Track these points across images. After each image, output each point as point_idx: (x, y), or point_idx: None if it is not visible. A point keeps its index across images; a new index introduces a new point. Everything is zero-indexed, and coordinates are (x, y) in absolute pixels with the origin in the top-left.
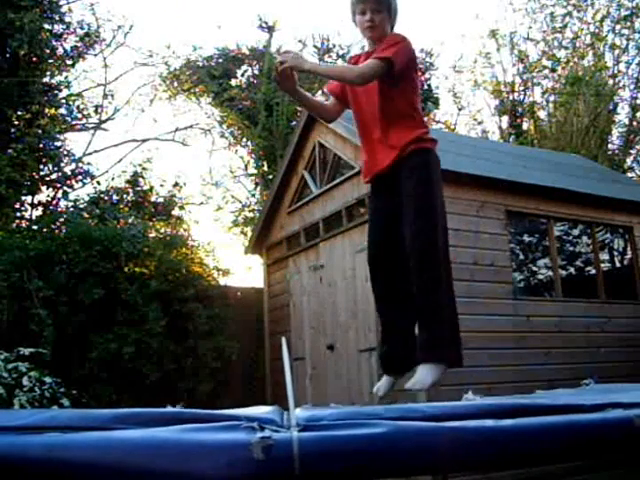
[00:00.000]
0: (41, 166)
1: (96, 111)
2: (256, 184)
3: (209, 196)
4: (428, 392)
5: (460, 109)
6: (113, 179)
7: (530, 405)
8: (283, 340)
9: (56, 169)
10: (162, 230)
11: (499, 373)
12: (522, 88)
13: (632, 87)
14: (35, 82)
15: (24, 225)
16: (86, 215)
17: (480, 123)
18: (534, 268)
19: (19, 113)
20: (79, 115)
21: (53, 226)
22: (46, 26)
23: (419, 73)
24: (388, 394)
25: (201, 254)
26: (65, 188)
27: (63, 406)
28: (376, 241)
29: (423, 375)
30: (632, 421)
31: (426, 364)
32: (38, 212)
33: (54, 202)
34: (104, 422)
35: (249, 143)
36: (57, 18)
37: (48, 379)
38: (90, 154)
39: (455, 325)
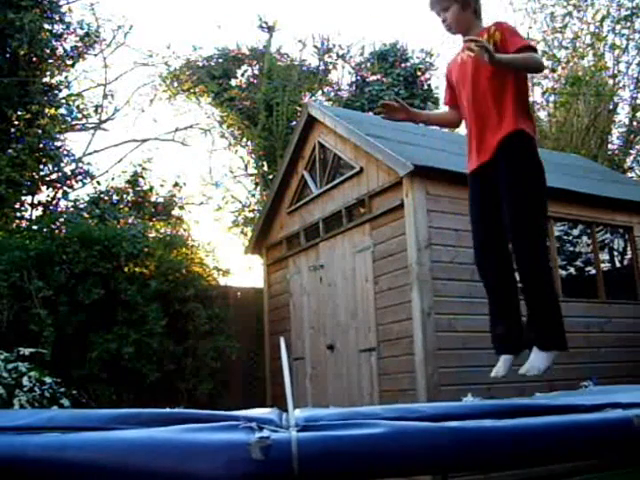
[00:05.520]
0: (41, 166)
1: (96, 111)
2: (256, 184)
3: (209, 196)
4: (428, 392)
5: None
6: (113, 179)
7: (529, 405)
8: (281, 340)
9: (56, 169)
10: (162, 230)
11: None
12: None
13: (632, 87)
14: (35, 82)
15: (24, 225)
16: (86, 215)
17: None
18: None
19: (19, 113)
20: (79, 115)
21: (53, 226)
22: (46, 26)
23: None
24: (507, 374)
25: (201, 254)
26: (65, 188)
27: (63, 406)
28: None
29: (538, 361)
30: (631, 421)
31: (540, 351)
32: (38, 212)
33: (54, 202)
34: (104, 422)
35: (249, 143)
36: (57, 18)
37: (48, 379)
38: (90, 154)
39: (559, 307)
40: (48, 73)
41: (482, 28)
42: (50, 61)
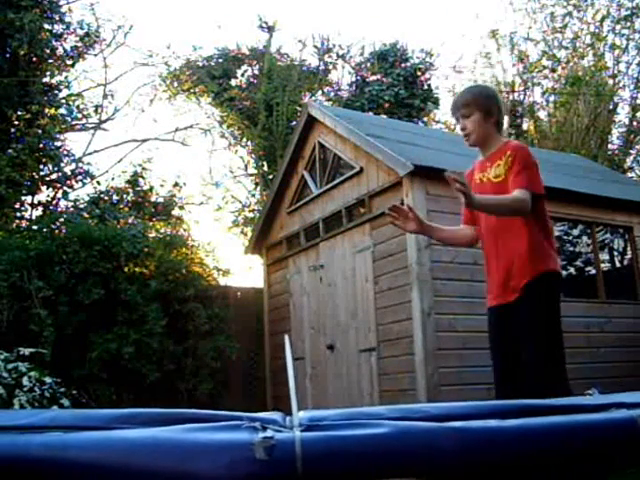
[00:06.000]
0: (41, 166)
1: (96, 111)
2: (256, 184)
3: (209, 196)
4: (428, 392)
5: None
6: (113, 179)
7: (534, 405)
8: (286, 338)
9: (56, 169)
10: (162, 230)
11: None
12: (522, 88)
13: (632, 87)
14: (35, 82)
15: (24, 225)
16: (86, 215)
17: None
18: None
19: (19, 113)
20: (79, 115)
21: (53, 226)
22: (46, 26)
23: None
24: None
25: (201, 254)
26: (65, 188)
27: (63, 406)
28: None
29: None
30: (635, 421)
31: None
32: (38, 212)
33: (54, 202)
34: (105, 422)
35: (249, 143)
36: (57, 18)
37: (48, 379)
38: (90, 154)
39: None
40: (48, 73)
41: (502, 142)
42: (50, 61)
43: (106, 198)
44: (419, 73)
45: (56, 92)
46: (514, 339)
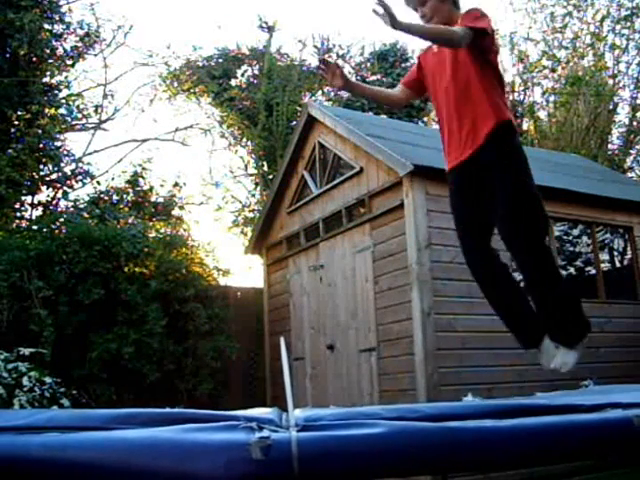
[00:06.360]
0: (41, 166)
1: (96, 111)
2: (256, 184)
3: (209, 196)
4: (428, 392)
5: None
6: (113, 179)
7: (529, 405)
8: (282, 340)
9: (56, 169)
10: (162, 230)
11: (499, 373)
12: (522, 88)
13: (632, 87)
14: (35, 82)
15: (24, 225)
16: (86, 215)
17: None
18: None
19: (19, 113)
20: (79, 115)
21: (53, 226)
22: (46, 26)
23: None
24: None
25: (201, 254)
26: (65, 188)
27: (63, 406)
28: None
29: (568, 357)
30: (631, 421)
31: (568, 349)
32: (38, 212)
33: (54, 202)
34: (104, 422)
35: (249, 143)
36: (57, 18)
37: (48, 379)
38: (90, 154)
39: (571, 297)
40: (48, 73)
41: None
42: (50, 61)
43: (106, 198)
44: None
45: (56, 92)
46: (484, 196)
